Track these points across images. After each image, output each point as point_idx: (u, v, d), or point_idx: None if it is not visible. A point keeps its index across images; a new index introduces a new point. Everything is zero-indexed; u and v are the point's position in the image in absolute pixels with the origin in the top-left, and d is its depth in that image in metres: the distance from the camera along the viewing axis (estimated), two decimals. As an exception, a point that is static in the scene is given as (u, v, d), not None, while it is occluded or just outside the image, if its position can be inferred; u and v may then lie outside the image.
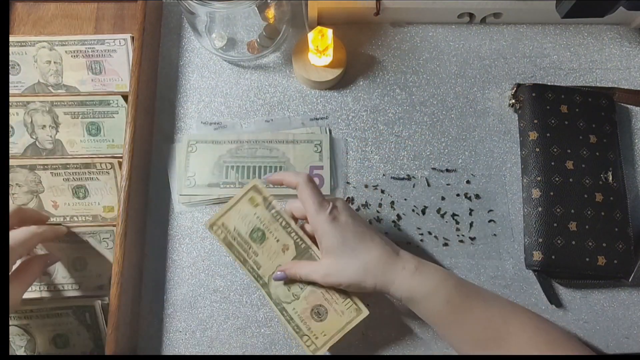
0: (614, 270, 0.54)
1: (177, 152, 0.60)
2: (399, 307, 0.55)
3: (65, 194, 0.57)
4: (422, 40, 0.66)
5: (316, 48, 0.58)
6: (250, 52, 0.64)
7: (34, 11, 0.66)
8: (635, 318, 0.55)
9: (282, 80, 0.64)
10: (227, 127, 0.61)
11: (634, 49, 0.66)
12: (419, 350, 0.54)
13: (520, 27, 0.66)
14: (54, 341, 0.53)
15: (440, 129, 0.62)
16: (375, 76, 0.64)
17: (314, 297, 0.50)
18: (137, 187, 0.55)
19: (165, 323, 0.55)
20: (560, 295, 0.56)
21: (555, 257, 0.54)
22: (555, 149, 0.58)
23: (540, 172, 0.57)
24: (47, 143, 0.59)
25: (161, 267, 0.57)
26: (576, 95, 0.60)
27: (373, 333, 0.55)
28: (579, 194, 0.56)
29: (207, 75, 0.64)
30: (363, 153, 0.61)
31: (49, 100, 0.59)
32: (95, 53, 0.62)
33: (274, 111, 0.62)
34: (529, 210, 0.57)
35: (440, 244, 0.58)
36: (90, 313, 0.53)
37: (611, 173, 0.57)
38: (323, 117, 0.62)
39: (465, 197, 0.59)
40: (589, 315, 0.56)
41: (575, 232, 0.55)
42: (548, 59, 0.65)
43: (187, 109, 0.62)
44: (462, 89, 0.64)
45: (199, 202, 0.58)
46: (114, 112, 0.59)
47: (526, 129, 0.59)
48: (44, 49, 0.62)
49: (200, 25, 0.61)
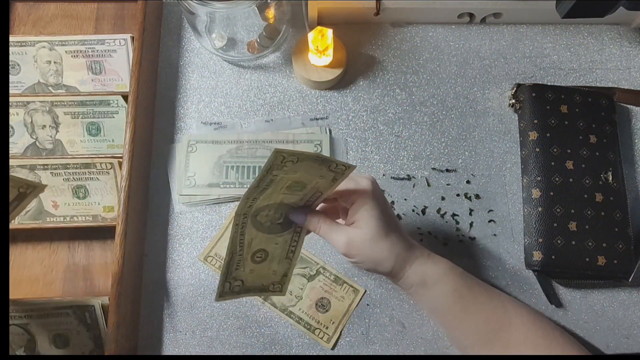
0: (614, 270, 0.54)
1: (177, 152, 0.60)
2: (399, 307, 0.55)
3: (65, 194, 0.57)
4: (422, 40, 0.66)
5: (316, 48, 0.58)
6: (250, 52, 0.64)
7: (34, 11, 0.66)
8: (635, 318, 0.55)
9: (282, 80, 0.64)
10: (227, 127, 0.61)
11: (634, 49, 0.66)
12: (419, 350, 0.54)
13: (520, 27, 0.66)
14: (54, 341, 0.53)
15: (440, 129, 0.62)
16: (375, 76, 0.64)
17: (314, 293, 0.55)
18: (137, 187, 0.55)
19: (165, 323, 0.55)
20: (560, 295, 0.56)
21: (555, 257, 0.54)
22: (555, 149, 0.58)
23: (540, 172, 0.57)
24: (47, 143, 0.59)
25: (161, 267, 0.57)
26: (576, 95, 0.60)
27: (373, 333, 0.55)
28: (579, 194, 0.56)
29: (207, 75, 0.64)
30: (363, 153, 0.61)
31: (49, 100, 0.59)
32: (95, 53, 0.62)
33: (274, 111, 0.62)
34: (529, 210, 0.57)
35: (440, 244, 0.58)
36: (90, 313, 0.52)
37: (611, 173, 0.57)
38: (323, 117, 0.62)
39: (465, 197, 0.59)
40: (589, 315, 0.56)
41: (575, 232, 0.55)
42: (548, 59, 0.65)
43: (187, 109, 0.62)
44: (462, 89, 0.64)
45: (199, 202, 0.58)
46: (114, 112, 0.59)
47: (526, 129, 0.59)
48: (44, 49, 0.62)
49: (200, 25, 0.61)
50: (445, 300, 0.47)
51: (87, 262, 0.57)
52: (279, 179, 0.40)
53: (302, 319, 0.54)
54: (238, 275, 0.45)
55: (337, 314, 0.55)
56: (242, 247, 0.44)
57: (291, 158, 0.39)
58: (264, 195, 0.42)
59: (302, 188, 0.43)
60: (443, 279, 0.47)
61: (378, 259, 0.46)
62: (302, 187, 0.43)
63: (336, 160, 0.40)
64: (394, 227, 0.46)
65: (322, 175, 0.42)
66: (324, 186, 0.44)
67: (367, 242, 0.45)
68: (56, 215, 0.57)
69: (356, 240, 0.45)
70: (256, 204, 0.42)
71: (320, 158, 0.40)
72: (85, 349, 0.53)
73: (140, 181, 0.57)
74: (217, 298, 0.44)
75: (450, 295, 0.47)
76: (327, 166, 0.41)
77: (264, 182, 0.40)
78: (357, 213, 0.45)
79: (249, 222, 0.43)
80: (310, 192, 0.44)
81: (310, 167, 0.41)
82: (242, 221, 0.42)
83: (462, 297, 0.47)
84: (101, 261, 0.57)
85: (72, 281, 0.57)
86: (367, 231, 0.45)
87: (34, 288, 0.56)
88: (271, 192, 0.42)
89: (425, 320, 0.55)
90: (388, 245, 0.45)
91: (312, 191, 0.44)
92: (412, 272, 0.47)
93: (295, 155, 0.39)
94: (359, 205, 0.45)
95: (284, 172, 0.40)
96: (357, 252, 0.45)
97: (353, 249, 0.45)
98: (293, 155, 0.39)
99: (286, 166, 0.39)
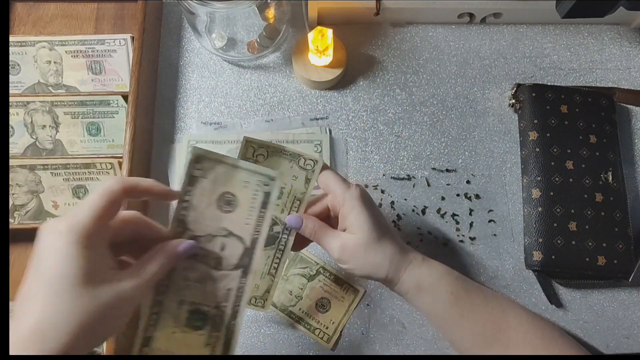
0: (614, 270, 0.54)
1: (177, 152, 0.60)
2: (399, 307, 0.55)
3: (65, 194, 0.57)
4: (422, 40, 0.66)
5: (316, 48, 0.58)
6: (250, 52, 0.64)
7: (34, 11, 0.66)
8: (635, 318, 0.55)
9: (282, 80, 0.64)
10: (227, 127, 0.61)
11: (634, 49, 0.66)
12: (419, 350, 0.54)
13: (520, 27, 0.66)
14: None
15: (440, 129, 0.62)
16: (375, 76, 0.64)
17: (315, 293, 0.55)
18: (137, 187, 0.55)
19: (165, 323, 0.55)
20: (560, 295, 0.56)
21: (555, 257, 0.54)
22: (555, 149, 0.58)
23: (540, 172, 0.57)
24: (47, 143, 0.59)
25: (161, 267, 0.56)
26: (576, 95, 0.60)
27: (373, 333, 0.55)
28: (579, 194, 0.56)
29: (207, 75, 0.64)
30: (363, 153, 0.61)
31: (49, 100, 0.59)
32: (95, 53, 0.62)
33: (274, 111, 0.62)
34: (529, 210, 0.57)
35: (440, 244, 0.58)
36: (90, 313, 0.52)
37: (611, 173, 0.57)
38: (323, 117, 0.62)
39: (465, 197, 0.59)
40: (589, 315, 0.56)
41: (575, 232, 0.55)
42: (548, 59, 0.65)
43: (187, 109, 0.62)
44: (462, 89, 0.64)
45: (199, 202, 0.58)
46: (114, 112, 0.59)
47: (526, 129, 0.59)
48: (44, 49, 0.62)
49: (200, 25, 0.61)
50: (442, 305, 0.47)
51: None
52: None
53: (302, 319, 0.55)
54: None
55: (337, 314, 0.55)
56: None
57: (261, 151, 0.40)
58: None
59: (280, 196, 0.42)
60: (438, 283, 0.47)
61: (372, 265, 0.45)
62: (280, 195, 0.42)
63: (303, 154, 0.41)
64: (386, 231, 0.46)
65: (295, 176, 0.42)
66: (300, 190, 0.43)
67: (361, 248, 0.44)
68: (56, 216, 0.57)
69: (349, 245, 0.44)
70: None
71: (288, 152, 0.41)
72: (85, 349, 0.53)
73: (140, 181, 0.57)
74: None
75: (447, 299, 0.46)
76: (297, 162, 0.41)
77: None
78: (347, 219, 0.44)
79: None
80: (289, 201, 0.44)
81: (280, 164, 0.40)
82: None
83: (459, 300, 0.47)
84: None
85: None
86: (360, 236, 0.44)
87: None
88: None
89: (425, 320, 0.55)
90: (381, 250, 0.45)
91: (290, 199, 0.44)
92: (407, 277, 0.46)
93: (263, 147, 0.40)
94: (348, 211, 0.44)
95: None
96: (350, 258, 0.45)
97: (346, 254, 0.44)
98: (262, 148, 0.40)
99: (258, 161, 0.39)
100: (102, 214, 0.34)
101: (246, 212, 0.40)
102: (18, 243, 0.58)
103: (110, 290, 0.32)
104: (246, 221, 0.40)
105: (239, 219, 0.40)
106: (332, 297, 0.55)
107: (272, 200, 0.40)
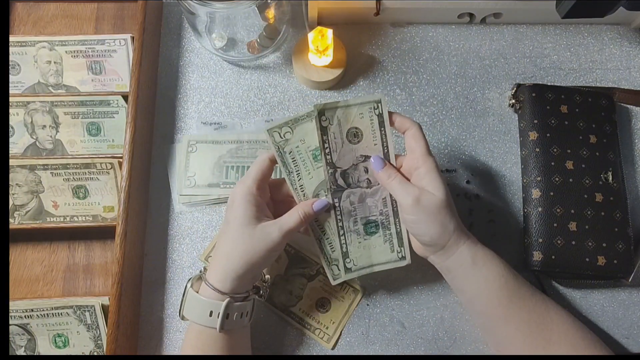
0: (614, 270, 0.54)
1: (177, 152, 0.60)
2: (399, 307, 0.55)
3: (65, 194, 0.57)
4: (422, 40, 0.66)
5: (316, 48, 0.58)
6: (250, 52, 0.64)
7: (34, 11, 0.66)
8: (635, 318, 0.55)
9: (282, 80, 0.64)
10: (227, 127, 0.61)
11: (634, 49, 0.66)
12: (419, 350, 0.54)
13: (520, 27, 0.67)
14: (54, 341, 0.53)
15: (440, 129, 0.62)
16: (375, 76, 0.64)
17: (315, 293, 0.55)
18: (137, 187, 0.55)
19: (165, 323, 0.55)
20: (560, 295, 0.56)
21: (555, 257, 0.54)
22: (555, 149, 0.58)
23: (540, 172, 0.57)
24: (47, 143, 0.59)
25: (161, 267, 0.57)
26: (576, 95, 0.60)
27: (373, 333, 0.55)
28: (579, 194, 0.56)
29: (207, 75, 0.64)
30: (363, 153, 0.61)
31: (49, 100, 0.59)
32: (95, 53, 0.62)
33: (274, 111, 0.62)
34: (529, 210, 0.57)
35: (440, 244, 0.58)
36: (90, 313, 0.53)
37: (611, 173, 0.57)
38: (323, 117, 0.62)
39: (465, 197, 0.59)
40: (589, 315, 0.56)
41: (575, 232, 0.55)
42: (548, 59, 0.65)
43: (187, 109, 0.62)
44: (462, 89, 0.64)
45: (199, 202, 0.58)
46: (114, 112, 0.59)
47: (526, 129, 0.59)
48: (44, 49, 0.62)
49: (200, 26, 0.61)
50: (493, 284, 0.47)
51: (87, 262, 0.57)
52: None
53: (302, 319, 0.55)
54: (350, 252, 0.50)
55: (337, 314, 0.55)
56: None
57: (329, 114, 0.48)
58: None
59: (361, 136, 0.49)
60: (491, 263, 0.48)
61: (440, 226, 0.46)
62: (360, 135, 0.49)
63: (365, 99, 0.48)
64: (453, 205, 0.48)
65: (372, 120, 0.48)
66: (376, 128, 0.49)
67: (436, 207, 0.46)
68: (56, 215, 0.57)
69: (425, 200, 0.46)
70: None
71: (352, 103, 0.48)
72: (85, 349, 0.53)
73: (140, 181, 0.57)
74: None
75: (499, 280, 0.47)
76: (368, 109, 0.48)
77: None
78: (424, 179, 0.46)
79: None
80: (374, 135, 0.49)
81: (357, 114, 0.48)
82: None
83: (508, 284, 0.47)
84: (101, 261, 0.57)
85: (72, 281, 0.57)
86: (438, 195, 0.46)
87: (34, 288, 0.56)
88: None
89: (425, 320, 0.55)
90: (450, 215, 0.46)
91: (375, 133, 0.49)
92: (465, 249, 0.47)
93: (331, 110, 0.48)
94: (426, 171, 0.46)
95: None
96: (422, 213, 0.46)
97: (419, 207, 0.46)
98: (330, 110, 0.48)
99: (331, 123, 0.48)
100: (259, 178, 0.47)
101: (371, 136, 0.49)
102: (18, 243, 0.58)
103: (265, 229, 0.46)
104: (374, 142, 0.49)
105: (368, 144, 0.49)
106: (332, 297, 0.55)
107: (385, 118, 0.48)
